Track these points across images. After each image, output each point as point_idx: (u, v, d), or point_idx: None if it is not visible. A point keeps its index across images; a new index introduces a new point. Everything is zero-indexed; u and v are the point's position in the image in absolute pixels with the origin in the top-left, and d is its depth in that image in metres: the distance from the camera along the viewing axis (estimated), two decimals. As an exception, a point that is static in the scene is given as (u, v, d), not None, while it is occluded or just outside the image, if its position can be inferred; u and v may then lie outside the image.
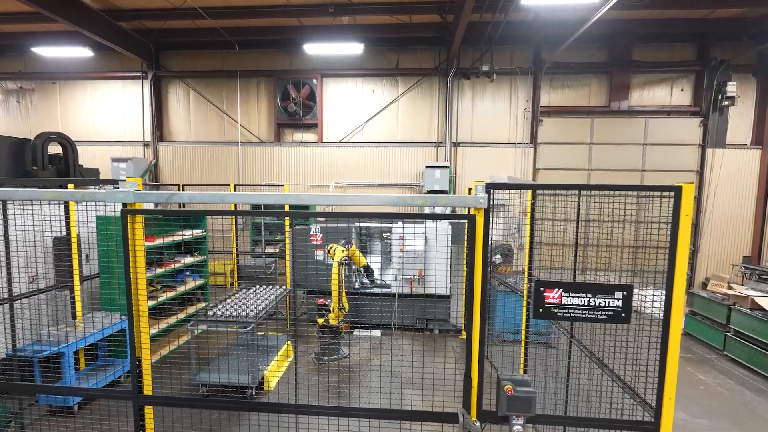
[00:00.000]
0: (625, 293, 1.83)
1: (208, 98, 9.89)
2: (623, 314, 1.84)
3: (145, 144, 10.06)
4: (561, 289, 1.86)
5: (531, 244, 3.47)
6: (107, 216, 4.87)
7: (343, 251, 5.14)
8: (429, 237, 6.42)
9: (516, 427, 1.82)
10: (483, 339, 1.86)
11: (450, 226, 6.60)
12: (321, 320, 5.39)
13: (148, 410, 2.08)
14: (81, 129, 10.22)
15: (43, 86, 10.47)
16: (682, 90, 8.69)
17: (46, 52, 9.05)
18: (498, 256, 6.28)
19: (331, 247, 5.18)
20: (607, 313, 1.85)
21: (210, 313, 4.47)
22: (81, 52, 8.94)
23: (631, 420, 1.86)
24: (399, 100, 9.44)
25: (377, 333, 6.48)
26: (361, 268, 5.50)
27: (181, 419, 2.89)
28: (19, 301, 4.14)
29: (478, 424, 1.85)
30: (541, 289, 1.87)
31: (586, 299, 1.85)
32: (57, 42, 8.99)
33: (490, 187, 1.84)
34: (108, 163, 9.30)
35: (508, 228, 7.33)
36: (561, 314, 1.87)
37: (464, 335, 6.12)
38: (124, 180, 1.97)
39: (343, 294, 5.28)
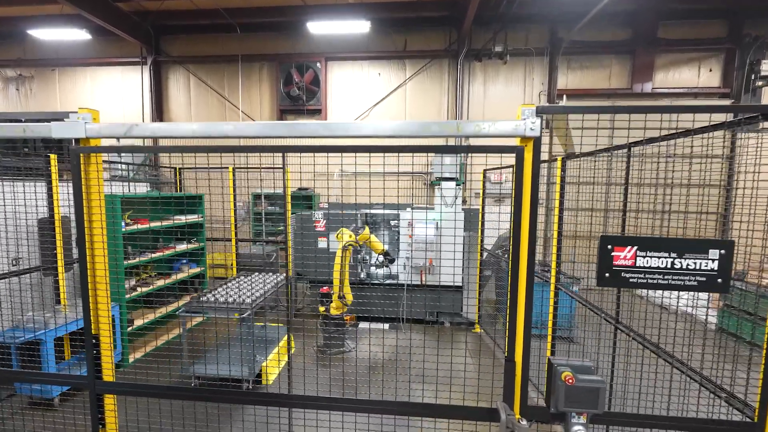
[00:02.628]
0: (723, 252, 1.38)
1: (209, 84, 9.54)
2: (720, 280, 1.39)
3: (145, 132, 9.74)
4: (635, 247, 1.42)
5: (561, 213, 3.04)
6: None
7: (350, 236, 4.75)
8: (440, 223, 5.98)
9: (576, 428, 1.38)
10: (530, 307, 1.43)
11: (462, 213, 6.16)
12: (322, 309, 5.00)
13: (109, 400, 1.68)
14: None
15: (42, 73, 10.21)
16: (710, 70, 8.13)
17: (44, 34, 8.78)
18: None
19: (340, 232, 4.81)
20: (697, 278, 1.40)
21: (204, 299, 4.09)
22: (79, 35, 8.65)
23: (728, 420, 1.42)
24: (407, 84, 9.01)
25: (384, 326, 6.06)
26: (380, 255, 5.13)
27: (154, 413, 2.50)
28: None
29: (524, 423, 1.42)
30: (609, 246, 1.43)
31: (669, 260, 1.41)
32: (55, 26, 8.70)
33: (542, 111, 1.40)
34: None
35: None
36: (635, 280, 1.43)
37: (478, 329, 5.68)
38: (76, 112, 1.57)
39: (346, 283, 4.87)
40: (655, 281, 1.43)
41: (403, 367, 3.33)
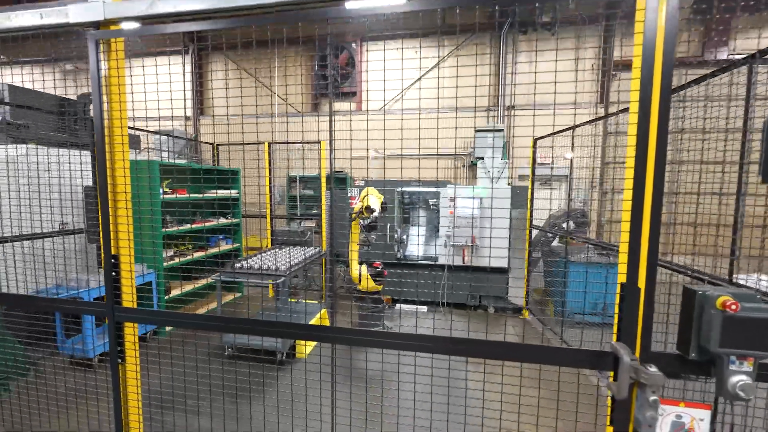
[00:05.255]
0: None
1: (246, 69, 9.64)
2: None
3: (186, 118, 10.04)
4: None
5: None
6: (137, 161, 4.56)
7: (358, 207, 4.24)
8: (485, 200, 5.54)
9: (738, 378, 0.97)
10: (658, 212, 1.03)
11: (509, 189, 5.66)
12: (377, 286, 4.59)
13: (129, 330, 1.47)
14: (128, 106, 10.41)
15: (95, 66, 10.81)
16: (802, 30, 7.02)
17: (96, 26, 9.27)
18: (570, 223, 5.25)
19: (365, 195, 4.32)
20: None
21: (238, 266, 3.95)
22: (128, 25, 9.05)
23: None
24: (445, 61, 8.57)
25: (422, 309, 5.70)
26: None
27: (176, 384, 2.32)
28: (43, 240, 3.88)
29: (654, 369, 1.03)
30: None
31: None
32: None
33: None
34: (150, 136, 9.32)
35: (574, 202, 6.25)
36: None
37: (526, 314, 5.17)
38: (95, -7, 1.37)
39: (355, 261, 4.38)
40: None
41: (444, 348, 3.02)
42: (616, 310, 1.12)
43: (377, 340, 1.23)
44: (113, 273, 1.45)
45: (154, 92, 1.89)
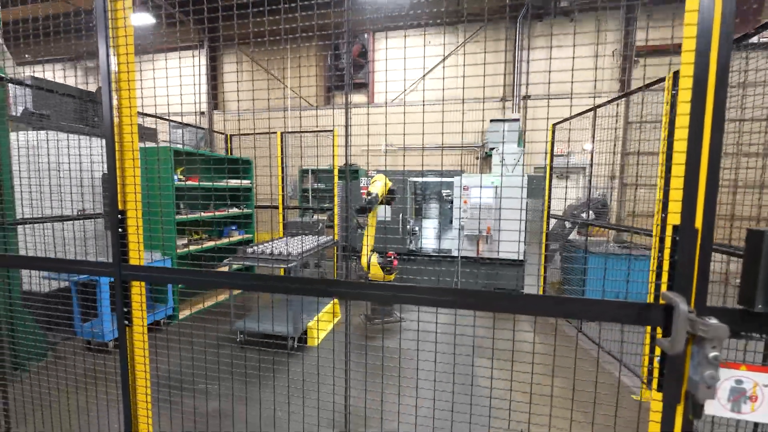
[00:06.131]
0: None
1: (259, 63, 9.69)
2: None
3: (201, 113, 10.15)
4: None
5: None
6: (146, 148, 4.58)
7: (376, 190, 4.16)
8: (500, 190, 5.38)
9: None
10: (718, 141, 0.91)
11: (525, 178, 5.48)
12: (391, 276, 4.51)
13: (136, 290, 1.41)
14: (145, 101, 10.61)
15: (113, 64, 11.05)
16: (841, 10, 6.61)
17: (114, 24, 9.46)
18: (591, 213, 5.05)
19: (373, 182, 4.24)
20: None
21: (250, 250, 3.91)
22: (145, 19, 9.22)
23: None
24: (459, 51, 8.43)
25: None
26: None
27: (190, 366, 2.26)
28: (53, 225, 3.93)
29: (715, 321, 0.90)
30: None
31: None
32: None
33: None
34: (165, 127, 9.45)
35: (594, 192, 6.03)
36: None
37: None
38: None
39: (366, 252, 4.30)
40: None
41: (460, 342, 2.85)
42: (667, 256, 0.99)
43: (396, 295, 1.14)
44: (120, 230, 1.39)
45: (169, 87, 1.86)
